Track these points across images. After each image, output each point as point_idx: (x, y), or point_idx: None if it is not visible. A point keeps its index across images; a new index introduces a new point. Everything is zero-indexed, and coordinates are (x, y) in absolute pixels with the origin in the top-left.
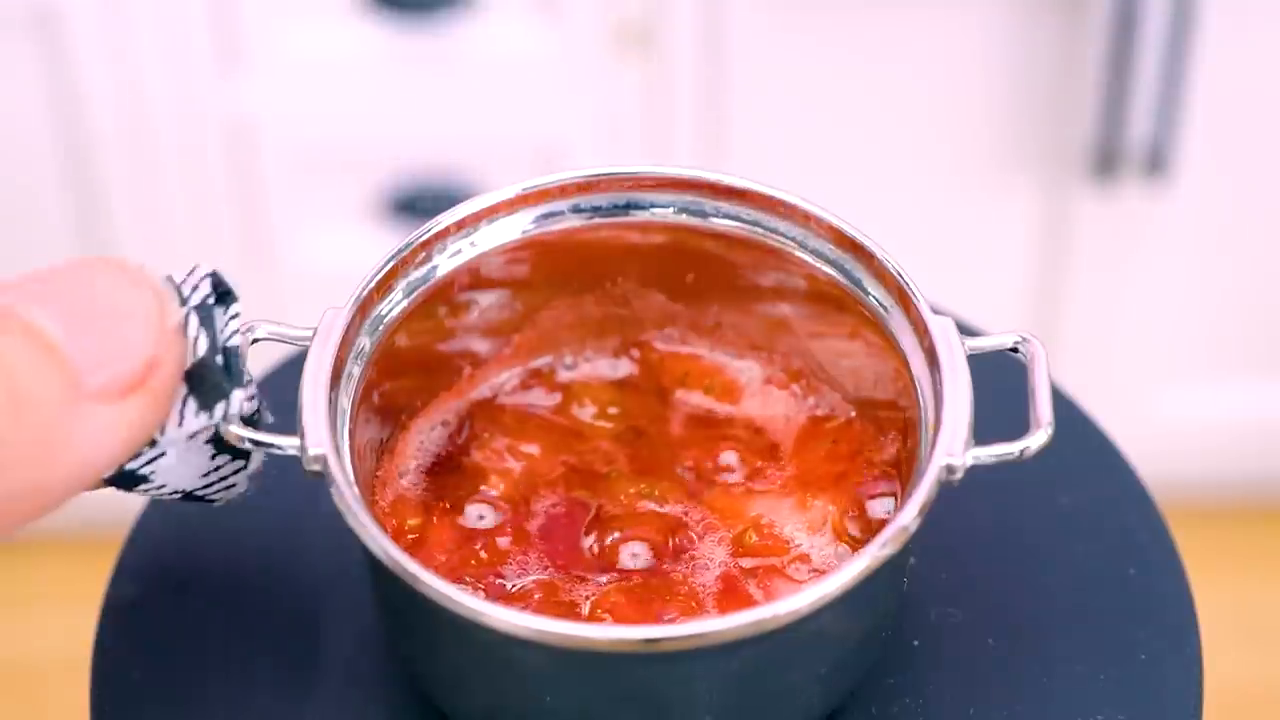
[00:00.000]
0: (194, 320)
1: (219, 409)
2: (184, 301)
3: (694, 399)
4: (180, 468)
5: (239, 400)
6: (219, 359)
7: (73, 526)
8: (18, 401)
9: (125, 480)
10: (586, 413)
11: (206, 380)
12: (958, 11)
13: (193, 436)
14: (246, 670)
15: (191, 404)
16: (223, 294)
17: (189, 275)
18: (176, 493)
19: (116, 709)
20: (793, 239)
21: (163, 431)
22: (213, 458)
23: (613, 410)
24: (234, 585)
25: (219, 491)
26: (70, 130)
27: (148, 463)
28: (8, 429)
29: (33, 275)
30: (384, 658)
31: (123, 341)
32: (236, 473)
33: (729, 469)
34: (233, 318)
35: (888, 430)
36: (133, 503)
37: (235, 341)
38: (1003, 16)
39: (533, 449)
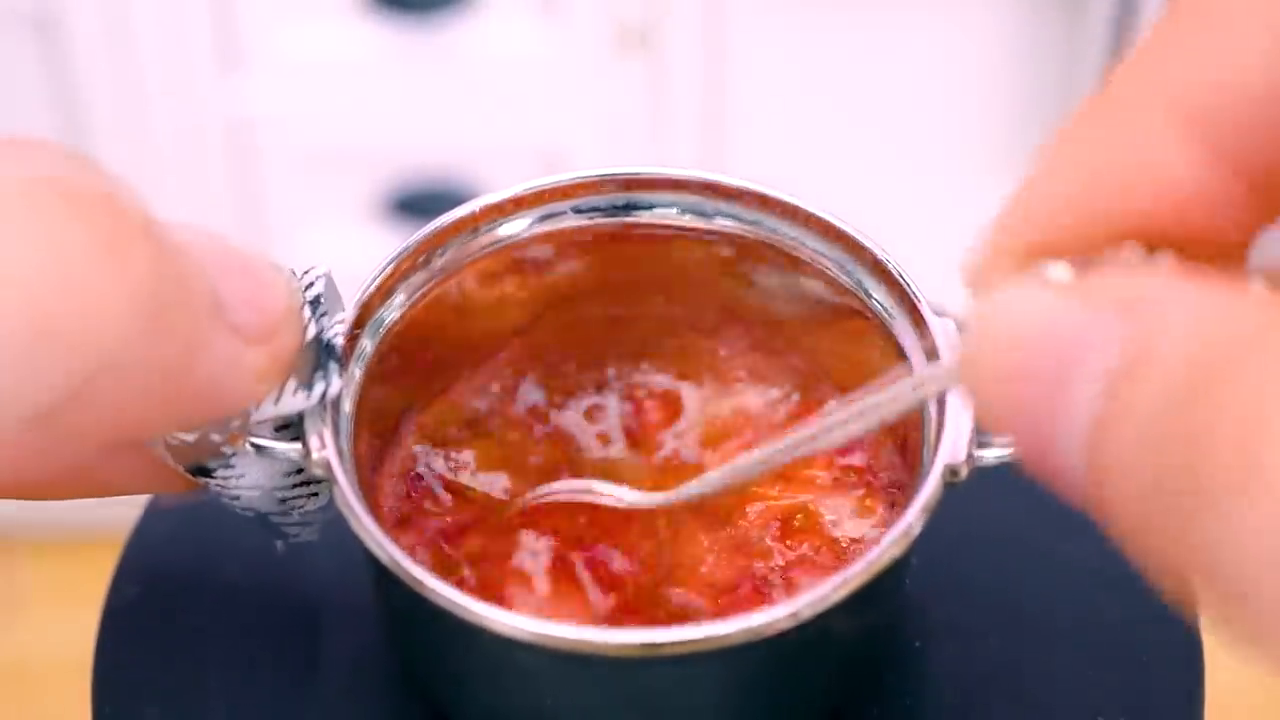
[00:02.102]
0: (306, 311)
1: (318, 387)
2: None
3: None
4: (256, 475)
5: (337, 384)
6: (323, 348)
7: (73, 527)
8: (182, 280)
9: (202, 472)
10: (582, 444)
11: (308, 362)
12: (958, 9)
13: (281, 428)
14: (248, 671)
15: (291, 382)
16: (331, 298)
17: (307, 271)
18: (249, 510)
19: (117, 710)
20: (795, 239)
21: (258, 406)
22: (294, 485)
23: (613, 449)
24: (235, 586)
25: (294, 523)
26: (71, 130)
27: (219, 469)
28: (173, 300)
29: (180, 224)
30: (385, 659)
31: (257, 294)
32: (315, 510)
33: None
34: (339, 321)
35: (889, 431)
36: (134, 504)
37: (339, 341)
38: (1004, 15)
39: (531, 459)
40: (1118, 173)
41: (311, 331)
